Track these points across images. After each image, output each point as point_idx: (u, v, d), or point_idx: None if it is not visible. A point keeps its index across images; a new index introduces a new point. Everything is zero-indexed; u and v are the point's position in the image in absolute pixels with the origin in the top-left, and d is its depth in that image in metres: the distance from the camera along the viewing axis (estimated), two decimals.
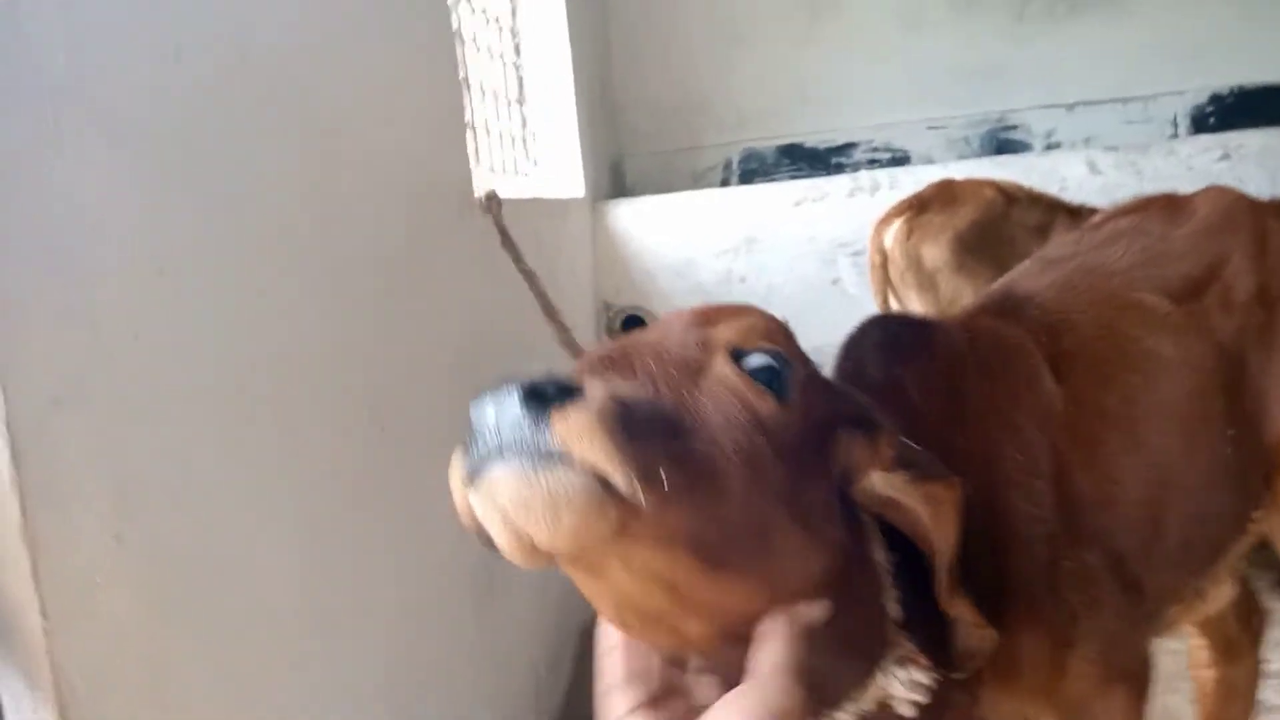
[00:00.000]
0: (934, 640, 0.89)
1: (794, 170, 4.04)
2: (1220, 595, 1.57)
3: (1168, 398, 1.25)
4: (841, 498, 0.81)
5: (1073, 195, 3.03)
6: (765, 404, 0.72)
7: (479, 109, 2.70)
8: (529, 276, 1.44)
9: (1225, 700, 1.77)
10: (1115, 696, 1.14)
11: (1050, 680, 1.09)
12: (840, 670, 0.80)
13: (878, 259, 2.85)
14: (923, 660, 0.84)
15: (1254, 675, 1.77)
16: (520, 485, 0.58)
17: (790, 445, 0.73)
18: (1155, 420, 1.23)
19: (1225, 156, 3.16)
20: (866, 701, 0.81)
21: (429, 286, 1.85)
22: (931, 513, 0.84)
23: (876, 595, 0.85)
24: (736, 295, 3.33)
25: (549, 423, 0.59)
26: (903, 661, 0.83)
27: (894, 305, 2.86)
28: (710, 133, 4.09)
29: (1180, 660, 1.84)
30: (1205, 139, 3.30)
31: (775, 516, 0.71)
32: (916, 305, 2.80)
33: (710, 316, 0.77)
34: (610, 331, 3.39)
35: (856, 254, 3.17)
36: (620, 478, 0.59)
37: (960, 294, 2.66)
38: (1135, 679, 1.17)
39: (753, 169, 4.09)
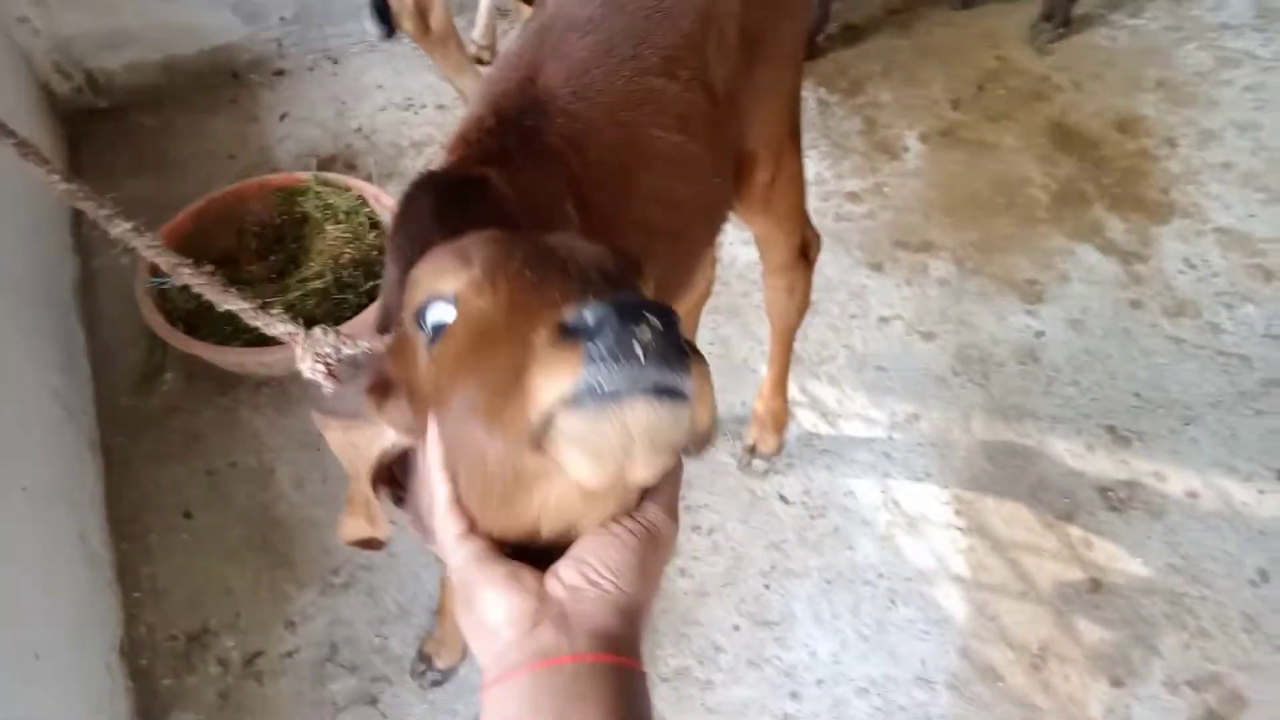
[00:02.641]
0: None
1: None
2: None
3: (678, 183, 1.34)
4: None
5: None
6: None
7: None
8: None
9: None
10: None
11: None
12: None
13: None
14: None
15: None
16: (662, 424, 0.56)
17: None
18: (667, 209, 1.34)
19: None
20: None
21: None
22: None
23: None
24: None
25: (688, 368, 0.57)
26: None
27: None
28: None
29: None
30: None
31: None
32: None
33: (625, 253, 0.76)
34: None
35: None
36: (706, 427, 0.62)
37: None
38: None
39: None
